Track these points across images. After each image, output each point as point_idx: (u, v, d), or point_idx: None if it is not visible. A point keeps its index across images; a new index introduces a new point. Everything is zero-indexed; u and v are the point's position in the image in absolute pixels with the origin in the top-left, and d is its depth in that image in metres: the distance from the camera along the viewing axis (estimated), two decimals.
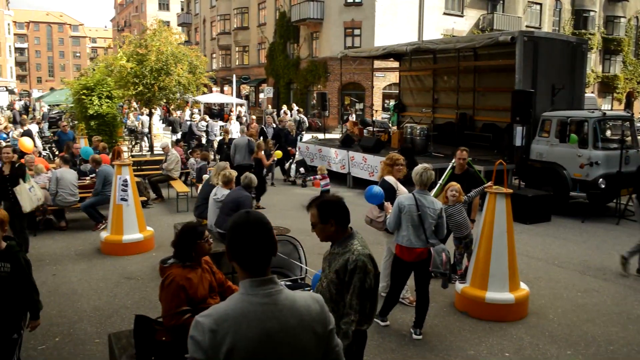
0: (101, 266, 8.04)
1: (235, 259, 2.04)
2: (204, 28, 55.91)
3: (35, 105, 35.01)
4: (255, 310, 1.93)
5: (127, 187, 8.47)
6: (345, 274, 3.16)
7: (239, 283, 2.03)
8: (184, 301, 3.84)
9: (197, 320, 1.93)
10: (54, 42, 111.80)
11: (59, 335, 5.73)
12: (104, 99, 15.09)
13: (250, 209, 2.15)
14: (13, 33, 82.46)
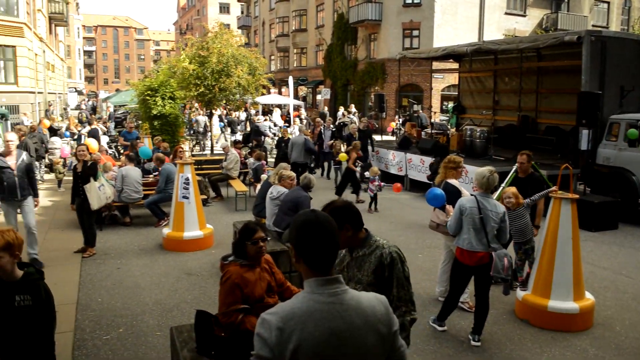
0: (163, 261, 8.29)
1: (303, 257, 2.05)
2: (263, 30, 56.73)
3: (102, 106, 36.50)
4: (321, 309, 1.94)
5: (189, 185, 8.69)
6: (384, 270, 3.10)
7: (304, 282, 2.05)
8: (239, 299, 3.90)
9: (263, 318, 1.95)
10: (120, 45, 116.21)
11: (122, 327, 5.93)
12: (167, 99, 15.52)
13: (317, 209, 2.15)
14: (82, 37, 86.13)
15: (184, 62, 16.04)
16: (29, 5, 28.47)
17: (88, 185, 8.24)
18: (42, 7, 35.40)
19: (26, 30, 26.09)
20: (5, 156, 7.54)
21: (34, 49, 29.22)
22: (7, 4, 24.36)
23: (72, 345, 5.47)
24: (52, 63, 40.93)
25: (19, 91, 25.20)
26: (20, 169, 7.56)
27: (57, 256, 8.39)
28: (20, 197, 7.61)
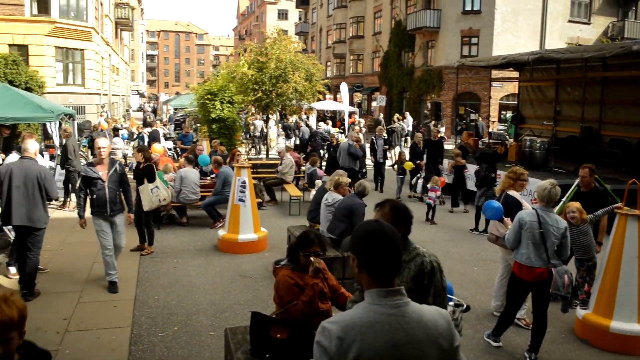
0: (217, 262, 8.44)
1: (365, 268, 2.05)
2: (320, 37, 57.14)
3: (163, 108, 37.63)
4: (382, 321, 1.94)
5: (245, 188, 8.84)
6: (424, 277, 3.09)
7: (365, 292, 2.05)
8: (299, 294, 3.93)
9: (324, 326, 1.96)
10: (181, 49, 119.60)
11: (177, 325, 6.07)
12: (225, 103, 15.85)
13: (381, 220, 2.15)
14: (146, 41, 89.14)
15: (243, 68, 16.33)
16: (98, 10, 29.69)
17: (141, 187, 8.56)
18: (109, 12, 36.87)
19: (94, 35, 27.20)
20: (96, 165, 6.83)
21: (100, 53, 30.43)
22: (78, 9, 25.48)
23: (130, 340, 5.64)
24: (117, 66, 42.52)
25: (85, 92, 26.29)
26: (112, 180, 6.82)
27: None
28: (110, 213, 6.85)
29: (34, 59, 23.28)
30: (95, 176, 6.73)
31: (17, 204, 6.53)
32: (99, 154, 6.81)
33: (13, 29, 23.18)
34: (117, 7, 41.99)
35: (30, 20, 23.58)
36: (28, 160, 6.78)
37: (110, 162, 6.89)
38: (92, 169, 6.78)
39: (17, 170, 6.61)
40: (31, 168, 6.69)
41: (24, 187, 6.57)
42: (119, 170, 6.95)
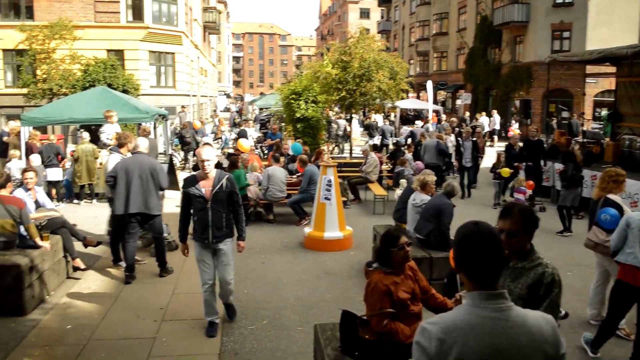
0: (303, 259, 8.58)
1: (463, 269, 2.04)
2: (402, 35, 56.57)
3: (248, 108, 38.66)
4: (484, 324, 1.91)
5: (331, 187, 8.92)
6: (541, 288, 2.99)
7: (467, 294, 2.03)
8: (388, 306, 3.91)
9: (423, 327, 1.96)
10: (265, 50, 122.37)
11: (266, 319, 6.22)
12: (309, 103, 16.06)
13: (480, 221, 2.11)
14: (231, 43, 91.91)
15: (327, 67, 16.48)
16: (187, 15, 30.95)
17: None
18: (198, 17, 38.34)
19: (184, 39, 28.39)
20: (199, 180, 5.60)
21: (190, 56, 31.71)
22: (169, 15, 26.69)
23: (221, 331, 5.85)
24: (205, 68, 44.14)
25: (176, 94, 27.52)
26: (218, 200, 5.54)
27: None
28: (213, 239, 5.57)
29: (130, 63, 24.64)
30: (197, 194, 5.54)
31: (134, 193, 7.21)
32: (203, 168, 5.51)
33: (110, 35, 24.66)
34: (205, 11, 43.60)
35: (126, 26, 24.99)
36: (140, 155, 7.49)
37: (216, 177, 5.57)
38: (194, 187, 5.57)
39: (132, 164, 7.29)
40: (144, 161, 7.41)
41: (139, 179, 7.22)
42: (226, 187, 5.58)
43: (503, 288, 3.01)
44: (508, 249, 3.08)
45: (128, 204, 7.22)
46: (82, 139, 12.90)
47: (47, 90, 20.23)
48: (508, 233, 3.03)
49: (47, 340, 5.65)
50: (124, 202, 7.22)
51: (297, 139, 15.07)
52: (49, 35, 21.21)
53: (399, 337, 3.85)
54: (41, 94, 20.44)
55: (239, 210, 5.78)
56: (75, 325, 5.94)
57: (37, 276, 6.60)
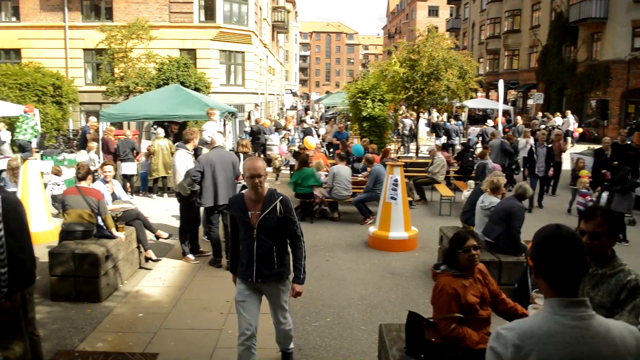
0: (367, 258, 8.54)
1: (542, 274, 1.96)
2: (472, 32, 55.30)
3: (315, 107, 38.94)
4: (564, 332, 1.83)
5: (397, 186, 8.84)
6: (622, 292, 2.85)
7: (545, 300, 1.96)
8: (455, 310, 3.83)
9: (499, 332, 1.90)
10: (332, 49, 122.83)
11: (330, 317, 6.23)
12: (376, 102, 15.98)
13: (561, 224, 2.02)
14: (299, 42, 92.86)
15: (395, 66, 16.33)
16: (257, 15, 31.49)
17: None
18: (267, 16, 38.94)
19: (254, 38, 28.91)
20: (246, 199, 4.34)
21: (259, 55, 32.26)
22: (240, 15, 27.25)
23: None
24: (273, 67, 44.80)
25: (244, 92, 28.07)
26: (266, 227, 4.27)
27: None
28: (258, 279, 4.34)
29: (201, 61, 25.35)
30: (242, 218, 4.33)
31: (220, 186, 7.66)
32: (252, 185, 4.23)
33: (183, 34, 25.46)
34: (274, 11, 44.24)
35: (198, 26, 25.72)
36: (220, 149, 7.99)
37: (267, 198, 4.28)
38: (240, 209, 4.34)
39: (215, 158, 7.72)
40: (225, 155, 7.96)
41: (223, 172, 7.69)
42: (280, 212, 4.29)
43: (583, 295, 2.90)
44: (589, 253, 2.93)
45: (217, 196, 7.67)
46: (157, 135, 13.38)
47: (124, 87, 21.15)
48: (591, 235, 2.91)
49: (120, 326, 5.90)
50: (212, 195, 7.66)
51: (363, 138, 15.02)
52: (126, 35, 22.17)
53: (467, 343, 3.76)
54: (118, 91, 21.39)
55: (297, 243, 4.44)
56: (146, 314, 6.17)
57: (112, 265, 6.90)
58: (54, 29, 25.57)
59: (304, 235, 4.54)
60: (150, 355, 5.17)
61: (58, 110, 20.50)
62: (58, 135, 20.18)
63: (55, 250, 6.67)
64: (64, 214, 6.99)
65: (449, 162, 14.14)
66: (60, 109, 20.72)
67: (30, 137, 13.86)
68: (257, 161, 4.31)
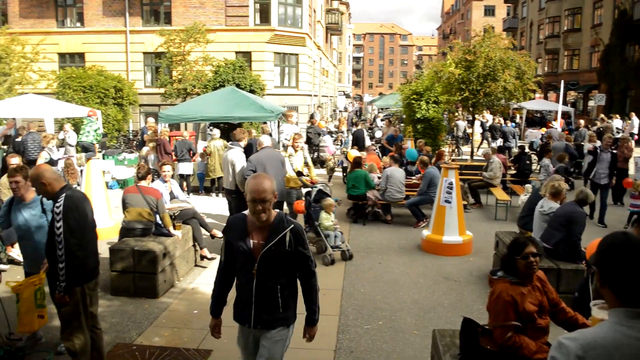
0: (421, 262, 8.45)
1: (608, 284, 1.88)
2: (530, 32, 53.81)
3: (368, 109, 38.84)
4: (631, 345, 1.75)
5: (452, 190, 8.70)
6: None
7: (610, 311, 1.88)
8: (512, 318, 3.73)
9: (561, 342, 1.84)
10: (385, 51, 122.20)
11: (382, 320, 6.20)
12: (431, 103, 15.78)
13: (628, 231, 1.94)
14: (352, 44, 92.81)
15: (450, 67, 16.07)
16: (311, 17, 31.67)
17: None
18: (321, 18, 39.11)
19: (308, 40, 29.08)
20: (249, 223, 3.44)
21: (312, 57, 32.43)
22: (294, 17, 27.48)
23: (337, 328, 5.93)
24: (326, 69, 44.94)
25: (298, 94, 28.27)
26: (270, 261, 3.39)
27: None
28: (256, 325, 3.49)
29: (256, 64, 25.70)
30: (241, 247, 3.41)
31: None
32: (254, 210, 3.32)
33: (239, 38, 25.88)
34: (328, 13, 44.40)
35: (253, 29, 26.09)
36: (269, 149, 8.55)
37: (274, 224, 3.40)
38: (239, 234, 3.44)
39: (264, 157, 8.25)
40: (274, 154, 8.62)
41: (273, 170, 8.03)
42: (289, 244, 3.40)
43: None
44: None
45: None
46: (213, 136, 13.67)
47: (182, 89, 21.72)
48: None
49: (176, 322, 6.05)
50: None
51: (417, 140, 14.87)
52: (184, 39, 22.80)
53: (524, 352, 3.66)
54: (176, 93, 21.99)
55: (311, 281, 3.65)
56: (201, 311, 6.30)
57: (169, 262, 7.09)
58: (116, 33, 26.50)
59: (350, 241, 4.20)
60: (205, 351, 5.29)
61: (119, 111, 21.26)
62: (119, 136, 20.92)
63: (115, 247, 6.92)
64: (124, 212, 7.23)
65: (505, 165, 13.80)
66: (121, 111, 21.47)
67: (92, 140, 14.43)
68: (263, 181, 3.33)
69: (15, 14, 26.95)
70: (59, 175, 4.62)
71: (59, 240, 4.23)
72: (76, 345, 4.43)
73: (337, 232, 8.49)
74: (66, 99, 19.14)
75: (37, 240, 5.12)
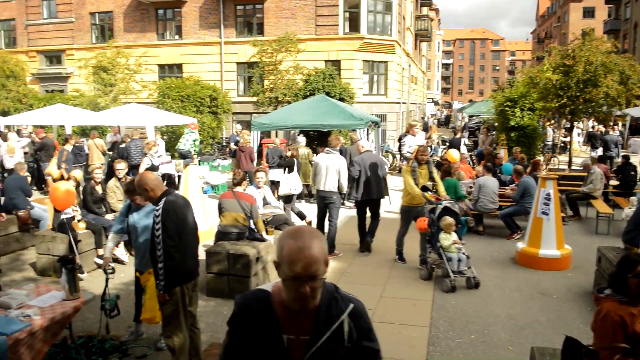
0: (515, 275, 8.14)
1: None
2: (634, 34, 50.50)
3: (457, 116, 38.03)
4: None
5: (550, 201, 8.33)
6: None
7: None
8: (621, 340, 3.52)
9: None
10: (476, 56, 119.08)
11: (474, 333, 6.04)
12: (525, 111, 15.21)
13: None
14: (441, 50, 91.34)
15: (547, 72, 15.43)
16: (400, 24, 31.49)
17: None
18: (410, 25, 38.80)
19: (397, 47, 28.93)
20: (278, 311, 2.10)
21: (401, 64, 32.21)
22: (383, 25, 27.43)
23: (428, 340, 5.84)
24: (415, 76, 44.47)
25: (387, 102, 28.16)
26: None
27: (414, 254, 9.06)
28: None
29: (345, 72, 25.88)
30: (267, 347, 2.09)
31: (372, 183, 8.89)
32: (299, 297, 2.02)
33: (329, 46, 26.20)
34: (417, 19, 43.97)
35: (343, 37, 26.31)
36: (371, 152, 9.46)
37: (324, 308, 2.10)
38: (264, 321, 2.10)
39: (367, 159, 9.02)
40: (375, 157, 9.35)
41: (374, 171, 8.89)
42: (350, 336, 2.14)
43: None
44: None
45: (370, 192, 8.89)
46: (299, 144, 13.90)
47: (273, 98, 22.30)
48: None
49: None
50: (365, 191, 8.88)
51: (511, 149, 14.37)
52: (276, 49, 23.40)
53: None
54: (268, 101, 22.60)
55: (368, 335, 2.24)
56: None
57: (262, 266, 7.30)
58: (211, 45, 27.64)
59: None
60: None
61: (213, 119, 22.14)
62: (213, 143, 21.78)
63: (211, 249, 7.22)
64: (220, 216, 7.52)
65: (607, 175, 13.00)
66: (216, 119, 22.36)
67: (189, 148, 15.11)
68: (311, 245, 1.99)
69: (120, 29, 28.85)
70: (160, 181, 4.90)
71: (158, 242, 4.49)
72: (175, 342, 4.66)
73: (460, 255, 7.67)
74: (165, 107, 20.20)
75: (146, 241, 5.45)
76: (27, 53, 30.51)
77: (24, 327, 4.23)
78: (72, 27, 29.91)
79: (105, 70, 25.29)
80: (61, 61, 30.38)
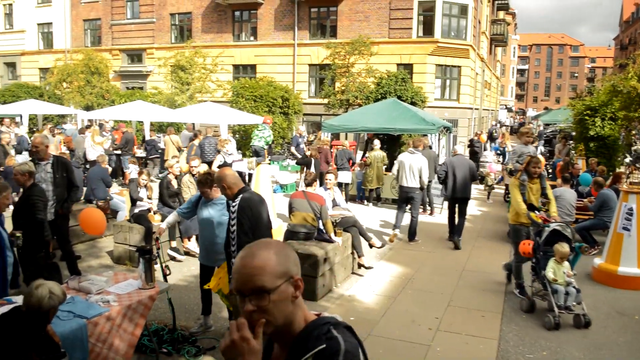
0: (591, 292, 7.77)
1: None
2: None
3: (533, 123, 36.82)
4: None
5: (632, 216, 7.91)
6: None
7: None
8: None
9: None
10: (553, 62, 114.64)
11: (546, 350, 5.82)
12: (607, 120, 14.53)
13: None
14: (517, 56, 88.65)
15: (632, 81, 14.69)
16: (475, 28, 30.82)
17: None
18: (485, 29, 37.89)
19: (471, 52, 28.35)
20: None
21: (475, 69, 31.53)
22: (458, 29, 26.95)
23: (497, 353, 5.68)
24: (489, 81, 43.40)
25: (459, 107, 27.65)
26: None
27: (484, 263, 8.86)
28: None
29: (417, 76, 25.63)
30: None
31: (459, 183, 9.82)
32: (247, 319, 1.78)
33: (401, 50, 26.03)
34: (493, 23, 42.86)
35: (416, 41, 26.07)
36: (461, 156, 10.73)
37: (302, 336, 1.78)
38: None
39: (456, 162, 10.10)
40: (464, 160, 10.40)
41: (461, 173, 9.84)
42: None
43: None
44: None
45: (455, 190, 9.86)
46: (374, 147, 13.89)
47: (344, 100, 22.37)
48: None
49: None
50: (452, 189, 9.91)
51: (589, 159, 13.76)
52: (349, 52, 23.48)
53: None
54: (339, 104, 22.70)
55: None
56: (358, 319, 6.43)
57: (329, 268, 7.33)
58: (285, 46, 28.10)
59: None
60: None
61: (284, 120, 22.45)
62: (283, 143, 22.08)
63: None
64: (290, 216, 7.62)
65: None
66: (287, 119, 22.65)
67: (262, 144, 15.39)
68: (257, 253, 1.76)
69: (198, 29, 29.82)
70: (238, 178, 5.03)
71: (233, 237, 4.62)
72: None
73: (569, 289, 6.58)
74: (239, 107, 20.66)
75: (216, 235, 5.61)
76: (110, 51, 32.12)
77: (103, 312, 4.47)
78: (153, 27, 31.21)
79: (183, 69, 26.20)
80: (142, 60, 31.79)
